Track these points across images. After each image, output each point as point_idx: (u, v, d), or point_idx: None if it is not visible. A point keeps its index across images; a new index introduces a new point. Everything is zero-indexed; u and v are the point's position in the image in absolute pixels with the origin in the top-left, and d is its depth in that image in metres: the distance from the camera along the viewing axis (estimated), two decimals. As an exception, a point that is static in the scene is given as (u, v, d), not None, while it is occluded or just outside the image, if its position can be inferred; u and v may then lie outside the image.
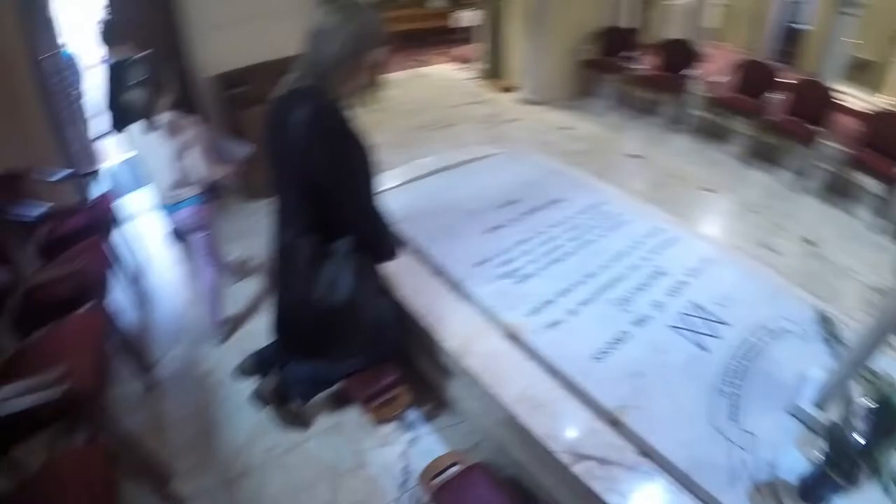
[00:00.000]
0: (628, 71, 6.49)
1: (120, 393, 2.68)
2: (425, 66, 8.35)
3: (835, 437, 1.65)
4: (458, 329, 2.29)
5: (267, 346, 2.46)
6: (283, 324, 2.03)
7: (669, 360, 2.11)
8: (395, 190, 3.18)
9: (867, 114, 5.56)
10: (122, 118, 2.97)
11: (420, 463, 2.10)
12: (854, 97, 6.29)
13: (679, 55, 6.35)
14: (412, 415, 2.57)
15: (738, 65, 6.17)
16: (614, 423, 1.90)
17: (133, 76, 2.56)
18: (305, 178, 1.70)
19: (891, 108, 5.69)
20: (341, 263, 1.81)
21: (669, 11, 7.55)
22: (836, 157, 5.42)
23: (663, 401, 1.95)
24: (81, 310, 2.51)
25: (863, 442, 1.60)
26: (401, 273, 2.42)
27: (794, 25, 9.84)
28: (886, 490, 1.79)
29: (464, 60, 8.12)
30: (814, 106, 5.64)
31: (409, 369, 2.58)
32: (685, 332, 2.23)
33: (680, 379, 2.04)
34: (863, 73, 10.24)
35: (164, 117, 2.63)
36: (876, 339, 1.77)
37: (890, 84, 8.54)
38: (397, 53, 7.99)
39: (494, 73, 7.32)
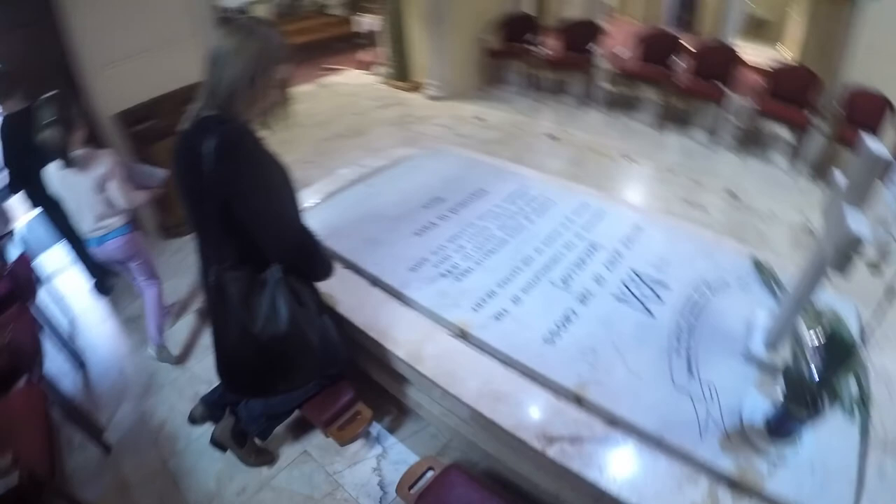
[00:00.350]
0: (534, 55, 6.56)
1: (76, 463, 2.54)
2: (332, 75, 8.23)
3: (790, 374, 1.72)
4: (406, 336, 2.26)
5: (213, 390, 2.39)
6: (228, 366, 1.93)
7: (619, 330, 2.14)
8: (317, 206, 3.12)
9: (769, 68, 5.85)
10: (18, 177, 2.91)
11: (394, 475, 2.08)
12: (755, 53, 6.59)
13: (582, 34, 6.48)
14: (376, 428, 2.53)
15: (640, 36, 6.34)
16: (578, 400, 1.92)
17: (42, 118, 2.46)
18: (225, 210, 1.61)
19: (790, 60, 6.02)
20: (276, 291, 1.74)
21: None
22: (745, 111, 5.67)
23: (621, 370, 1.99)
24: (18, 385, 2.35)
25: (817, 374, 1.67)
26: (338, 290, 2.38)
27: None
28: (850, 414, 1.89)
29: (370, 65, 8.06)
30: (718, 66, 5.90)
31: (363, 384, 2.53)
32: (629, 300, 2.28)
33: (633, 347, 2.08)
34: (761, 29, 10.72)
35: (79, 153, 2.55)
36: (813, 277, 1.84)
37: (789, 37, 8.95)
38: (302, 66, 7.88)
39: (402, 73, 7.30)
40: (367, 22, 7.92)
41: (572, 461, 1.76)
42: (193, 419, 2.44)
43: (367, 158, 3.72)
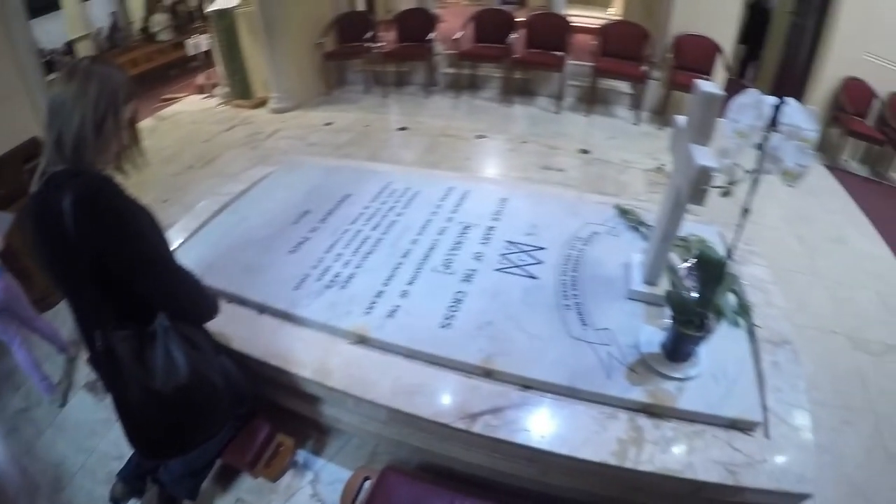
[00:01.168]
0: (372, 51, 6.61)
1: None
2: (171, 104, 7.86)
3: (673, 298, 1.87)
4: (307, 355, 2.24)
5: (128, 463, 2.26)
6: (137, 431, 1.79)
7: (509, 299, 2.24)
8: (185, 245, 2.98)
9: (599, 27, 6.25)
10: None
11: (334, 495, 2.07)
12: (589, 18, 6.99)
13: (416, 23, 6.63)
14: (302, 455, 2.49)
15: (473, 17, 6.51)
16: (488, 374, 2.00)
17: None
18: (98, 268, 1.50)
19: (615, 16, 6.45)
20: (168, 340, 1.65)
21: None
22: (583, 73, 5.99)
23: (520, 336, 2.09)
24: None
25: (696, 295, 1.82)
26: (228, 326, 2.31)
27: None
28: (735, 324, 2.09)
29: (209, 87, 7.78)
30: (552, 35, 6.21)
31: (276, 414, 2.48)
32: (511, 269, 2.38)
33: (525, 312, 2.19)
34: None
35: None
36: (673, 212, 2.00)
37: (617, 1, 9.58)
38: (139, 100, 7.49)
39: (243, 91, 7.08)
40: (199, 43, 7.65)
41: (498, 431, 1.84)
42: (115, 500, 2.28)
43: (224, 185, 3.60)
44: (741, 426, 1.93)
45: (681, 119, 1.97)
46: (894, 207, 6.66)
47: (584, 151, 4.72)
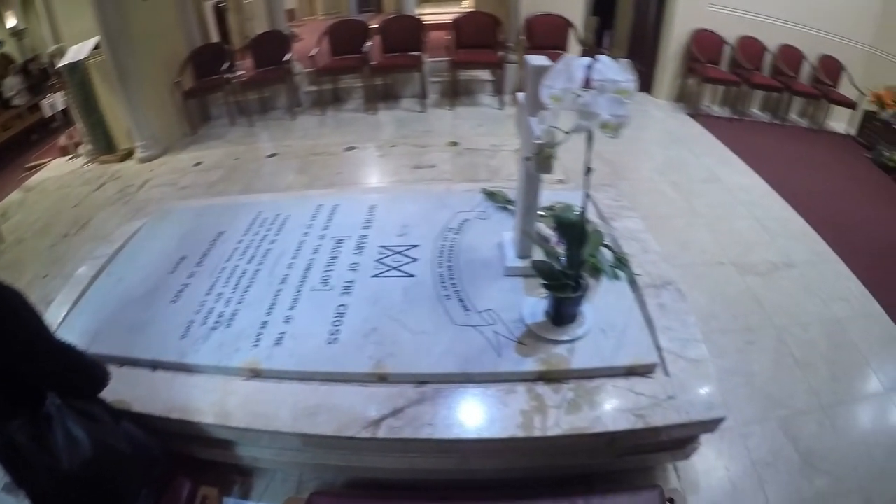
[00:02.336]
0: (232, 81, 6.46)
1: None
2: (36, 172, 7.40)
3: (540, 270, 1.90)
4: (206, 401, 2.16)
5: None
6: None
7: (389, 302, 2.24)
8: (69, 318, 2.82)
9: (451, 23, 6.34)
10: None
11: (270, 535, 1.98)
12: (444, 13, 7.08)
13: (271, 47, 6.54)
14: (231, 502, 2.41)
15: (327, 31, 6.49)
16: (382, 378, 1.99)
17: None
18: None
19: (470, 9, 6.59)
20: (65, 419, 1.58)
21: (248, 10, 7.60)
22: (442, 68, 6.08)
23: (406, 336, 2.08)
24: None
25: (565, 258, 1.86)
26: (124, 391, 2.20)
27: None
28: (615, 277, 2.15)
29: (73, 147, 7.36)
30: (406, 36, 6.27)
31: (194, 467, 2.36)
32: (388, 272, 2.38)
33: (408, 310, 2.19)
34: None
35: None
36: (529, 185, 2.04)
37: None
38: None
39: (107, 145, 6.72)
40: (56, 102, 7.26)
41: (403, 431, 1.83)
42: None
43: (100, 248, 3.44)
44: (639, 371, 2.00)
45: (521, 95, 2.02)
46: (757, 139, 7.10)
47: (454, 144, 4.80)
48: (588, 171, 1.75)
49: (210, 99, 6.78)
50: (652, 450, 2.13)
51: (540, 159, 1.73)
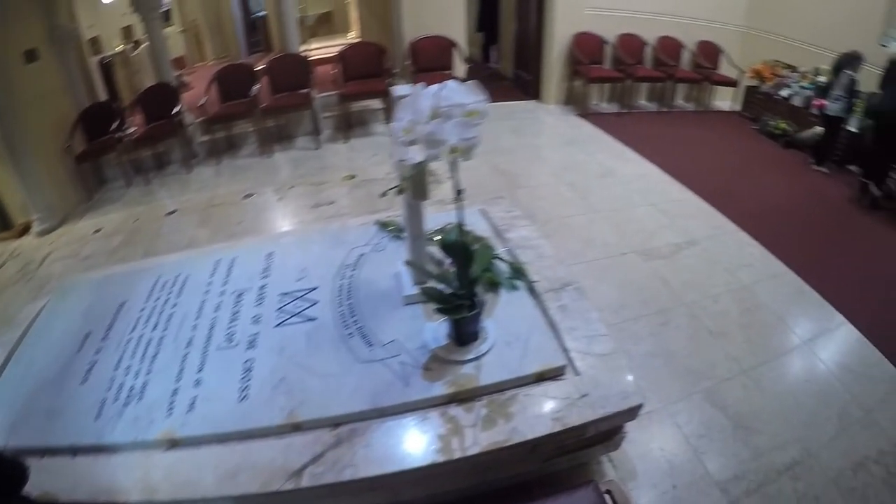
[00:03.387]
0: (124, 140, 6.26)
1: None
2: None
3: (433, 294, 1.94)
4: (129, 481, 2.08)
5: None
6: None
7: (295, 350, 2.22)
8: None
9: (337, 55, 6.38)
10: None
11: None
12: (333, 46, 7.09)
13: (161, 99, 6.35)
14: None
15: (214, 77, 6.38)
16: (297, 427, 1.97)
17: None
18: None
19: (356, 40, 6.65)
20: None
21: (135, 63, 7.40)
22: (333, 102, 6.10)
23: (314, 381, 2.07)
24: None
25: (456, 280, 1.90)
26: (47, 482, 2.10)
27: (255, 16, 10.62)
28: (513, 287, 2.20)
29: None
30: (294, 75, 6.26)
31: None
32: (290, 320, 2.36)
33: (313, 355, 2.17)
34: (330, 23, 11.44)
35: None
36: (412, 212, 2.08)
37: (354, 22, 9.85)
38: None
39: (2, 222, 6.44)
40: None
41: (325, 477, 1.81)
42: None
43: (6, 334, 3.29)
44: (549, 375, 2.05)
45: (392, 125, 2.05)
46: (647, 129, 7.41)
47: (351, 177, 4.83)
48: (458, 193, 1.79)
49: (104, 161, 6.50)
50: (580, 447, 2.17)
51: (415, 186, 1.77)
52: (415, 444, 1.85)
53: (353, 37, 10.14)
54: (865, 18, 6.67)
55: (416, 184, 1.82)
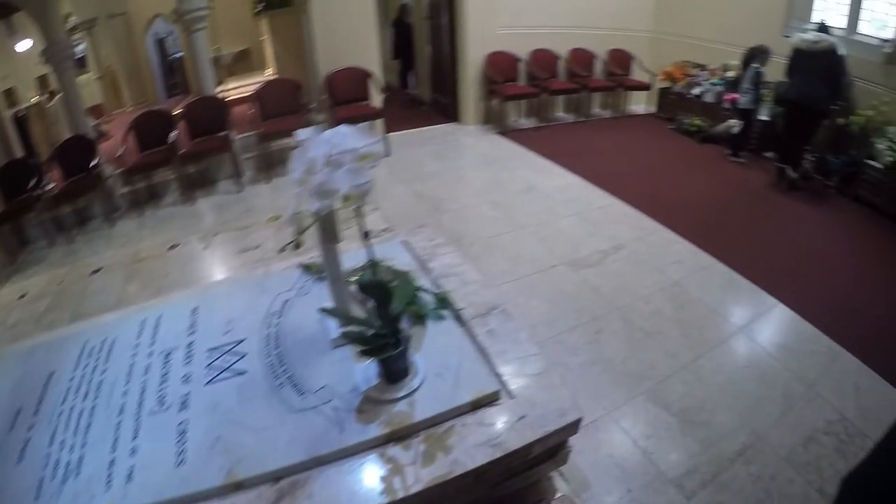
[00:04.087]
0: (43, 198, 6.06)
1: None
2: None
3: (355, 336, 1.96)
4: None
5: None
6: None
7: (227, 406, 2.18)
8: None
9: (254, 94, 6.37)
10: None
11: None
12: (251, 83, 7.04)
13: (75, 153, 6.21)
14: None
15: (129, 126, 6.29)
16: (238, 486, 1.93)
17: None
18: None
19: (272, 76, 6.64)
20: None
21: (51, 114, 7.20)
22: (252, 143, 6.07)
23: (249, 436, 2.04)
24: None
25: (378, 319, 1.93)
26: None
27: (172, 58, 10.46)
28: (438, 318, 2.23)
29: None
30: (211, 118, 6.20)
31: None
32: (220, 376, 2.32)
33: (246, 410, 2.14)
34: (246, 60, 11.39)
35: None
36: (328, 254, 2.09)
37: (270, 59, 9.83)
38: None
39: (-80, 294, 6.16)
40: None
41: None
42: None
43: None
44: (484, 402, 2.07)
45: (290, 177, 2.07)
46: (566, 140, 7.62)
47: (276, 218, 4.81)
48: (365, 235, 1.82)
49: (24, 221, 6.32)
50: (527, 468, 2.20)
51: (324, 230, 1.79)
52: (357, 488, 1.84)
53: (270, 73, 10.10)
54: (768, 12, 7.03)
55: (325, 228, 1.84)
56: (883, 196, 5.34)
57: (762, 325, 3.70)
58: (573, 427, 2.08)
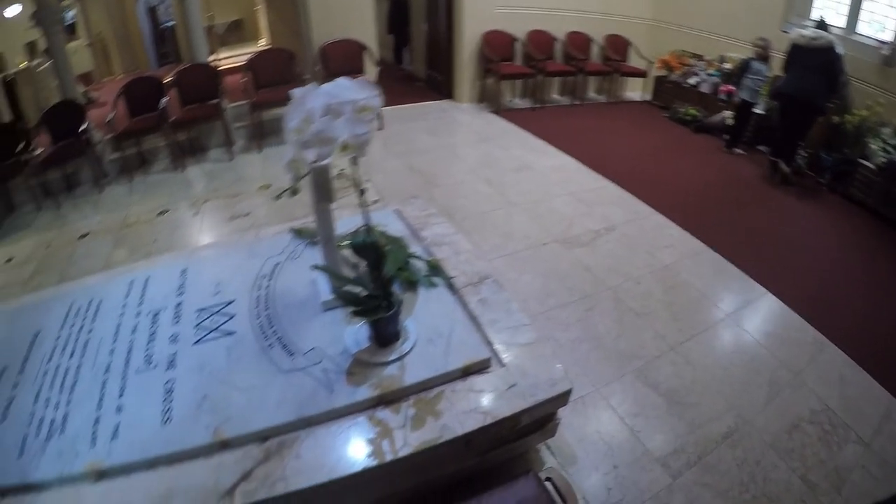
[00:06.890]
0: (31, 162, 5.92)
1: None
2: None
3: (348, 297, 1.94)
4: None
5: None
6: None
7: (215, 366, 2.17)
8: None
9: (247, 63, 6.27)
10: None
11: None
12: (243, 53, 6.94)
13: (66, 117, 6.04)
14: None
15: (120, 91, 6.18)
16: (225, 445, 1.92)
17: None
18: None
19: (266, 47, 6.54)
20: None
21: (41, 79, 7.08)
22: (244, 112, 6.00)
23: (238, 396, 2.03)
24: None
25: (371, 281, 1.92)
26: None
27: (164, 26, 10.31)
28: (431, 284, 2.21)
29: None
30: (203, 86, 6.10)
31: None
32: (209, 336, 2.31)
33: (234, 370, 2.13)
34: (241, 30, 11.25)
35: None
36: (320, 215, 2.07)
37: (264, 29, 9.70)
38: None
39: None
40: None
41: (258, 493, 1.77)
42: None
43: None
44: (475, 369, 2.08)
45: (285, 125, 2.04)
46: (561, 122, 7.59)
47: (266, 186, 4.78)
48: (361, 192, 1.80)
49: (11, 185, 6.22)
50: (516, 438, 2.21)
51: (320, 189, 1.76)
52: (345, 450, 1.84)
53: (263, 44, 10.00)
54: (767, 7, 7.00)
55: (319, 186, 1.82)
56: (874, 195, 5.36)
57: (750, 312, 3.71)
58: (563, 398, 2.09)
